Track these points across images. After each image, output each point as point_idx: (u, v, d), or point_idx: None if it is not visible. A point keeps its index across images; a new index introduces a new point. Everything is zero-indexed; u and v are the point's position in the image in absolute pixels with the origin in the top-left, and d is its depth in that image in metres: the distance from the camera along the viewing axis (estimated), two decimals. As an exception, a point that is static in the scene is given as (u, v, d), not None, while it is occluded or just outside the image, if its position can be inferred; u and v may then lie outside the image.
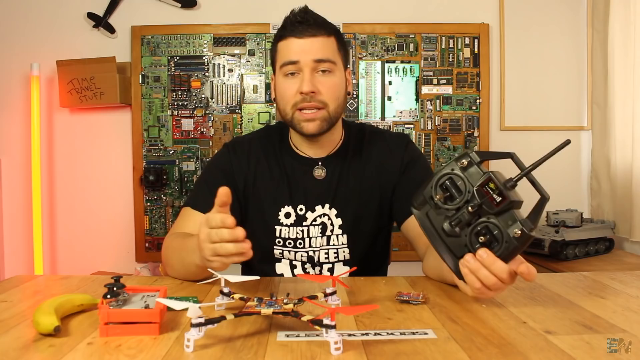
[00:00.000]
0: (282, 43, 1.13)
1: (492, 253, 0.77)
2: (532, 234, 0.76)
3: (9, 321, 0.77)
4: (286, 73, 1.12)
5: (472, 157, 0.80)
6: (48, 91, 2.47)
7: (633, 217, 2.18)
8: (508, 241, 0.76)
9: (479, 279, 0.78)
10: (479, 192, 0.78)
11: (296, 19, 1.11)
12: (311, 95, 1.09)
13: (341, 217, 1.18)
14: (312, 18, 1.12)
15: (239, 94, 2.48)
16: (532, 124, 2.53)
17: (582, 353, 0.64)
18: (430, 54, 2.48)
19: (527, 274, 0.77)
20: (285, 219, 1.18)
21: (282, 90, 1.13)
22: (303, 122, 1.12)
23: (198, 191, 1.22)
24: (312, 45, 1.10)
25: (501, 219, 0.77)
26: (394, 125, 2.49)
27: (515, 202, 0.78)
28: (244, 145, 1.24)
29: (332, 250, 1.18)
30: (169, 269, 1.08)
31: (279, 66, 1.13)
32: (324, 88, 1.10)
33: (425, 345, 0.67)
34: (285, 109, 1.13)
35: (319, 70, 1.11)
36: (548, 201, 0.78)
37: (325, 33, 1.12)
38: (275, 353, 0.64)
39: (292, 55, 1.10)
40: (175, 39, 2.46)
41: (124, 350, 0.65)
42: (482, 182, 0.78)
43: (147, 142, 2.47)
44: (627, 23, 2.21)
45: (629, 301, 0.87)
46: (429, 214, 0.84)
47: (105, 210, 2.51)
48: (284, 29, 1.13)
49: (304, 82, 1.09)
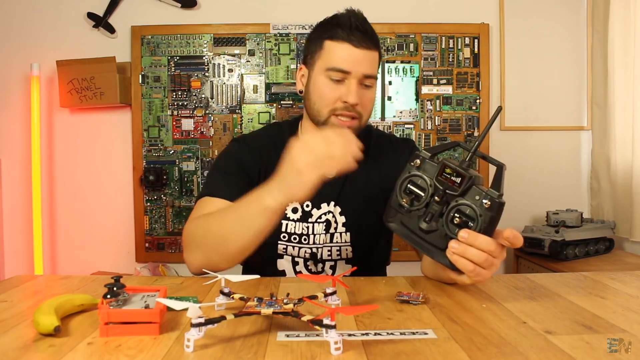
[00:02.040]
0: (335, 44, 1.10)
1: (472, 231, 0.79)
2: (502, 201, 0.79)
3: (9, 321, 0.77)
4: (332, 77, 1.11)
5: (422, 155, 0.84)
6: (48, 91, 2.48)
7: (633, 217, 2.19)
8: (482, 214, 0.79)
9: (469, 259, 0.80)
10: (439, 181, 0.82)
11: (355, 25, 1.09)
12: (354, 106, 1.11)
13: (345, 215, 1.19)
14: (369, 29, 1.11)
15: (239, 94, 2.48)
16: (532, 124, 2.53)
17: (582, 353, 0.64)
18: (430, 54, 2.48)
19: (512, 237, 0.80)
20: (292, 214, 1.18)
21: (323, 92, 1.12)
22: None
23: (214, 181, 1.18)
24: (364, 58, 1.10)
25: (468, 197, 0.80)
26: (394, 125, 2.49)
27: (475, 177, 0.80)
28: (253, 140, 1.24)
29: (335, 247, 1.19)
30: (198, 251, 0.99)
31: (326, 68, 1.11)
32: (363, 101, 1.12)
33: (425, 345, 0.67)
34: (321, 111, 1.13)
35: (364, 83, 1.11)
36: (506, 169, 0.81)
37: (375, 48, 1.12)
38: (275, 353, 0.64)
39: (344, 64, 1.09)
40: (175, 39, 2.46)
41: (124, 350, 0.65)
42: (439, 171, 0.82)
43: (147, 142, 2.47)
44: (627, 23, 2.22)
45: (629, 301, 0.87)
46: (404, 222, 0.86)
47: (105, 210, 2.51)
48: (339, 29, 1.10)
49: (350, 94, 1.09)
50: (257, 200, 0.91)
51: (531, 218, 2.48)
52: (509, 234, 0.80)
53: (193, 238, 1.03)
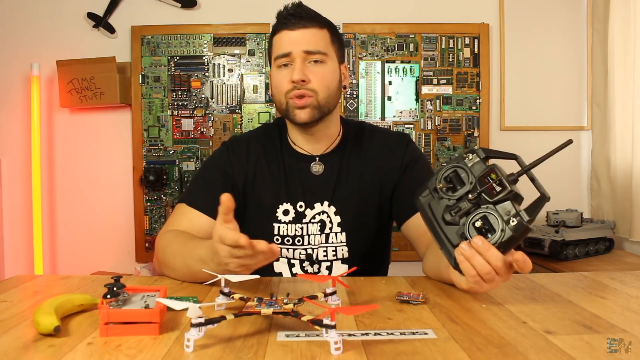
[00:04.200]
0: (276, 37, 1.16)
1: (487, 241, 0.78)
2: (529, 226, 0.78)
3: (9, 321, 0.77)
4: (279, 65, 1.14)
5: (478, 152, 0.83)
6: (48, 91, 2.48)
7: (633, 217, 2.19)
8: (504, 230, 0.78)
9: (474, 266, 0.79)
10: (480, 182, 0.81)
11: (288, 12, 1.14)
12: (301, 83, 1.11)
13: (340, 215, 1.18)
14: (304, 11, 1.14)
15: (239, 94, 2.48)
16: (532, 124, 2.53)
17: (582, 353, 0.64)
18: (430, 54, 2.48)
19: (522, 262, 0.78)
20: (283, 216, 1.18)
21: (275, 81, 1.16)
22: (295, 110, 1.13)
23: (195, 188, 1.21)
24: (302, 36, 1.12)
25: (499, 208, 0.79)
26: (394, 125, 2.49)
27: (516, 194, 0.79)
28: (242, 144, 1.24)
29: (330, 248, 1.18)
30: (169, 270, 1.05)
31: (273, 59, 1.16)
32: (314, 77, 1.12)
33: (425, 345, 0.67)
34: (280, 100, 1.15)
35: (310, 60, 1.13)
36: (548, 201, 0.79)
37: (317, 25, 1.14)
38: (275, 353, 0.64)
39: (284, 47, 1.13)
40: (175, 39, 2.46)
41: (124, 350, 0.65)
42: (485, 172, 0.81)
43: (147, 142, 2.47)
44: (627, 23, 2.22)
45: (629, 301, 0.87)
46: (431, 204, 0.85)
47: (105, 210, 2.51)
48: (277, 23, 1.16)
49: (294, 71, 1.11)
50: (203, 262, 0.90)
51: (531, 218, 2.47)
52: (519, 257, 0.78)
53: (160, 252, 1.08)
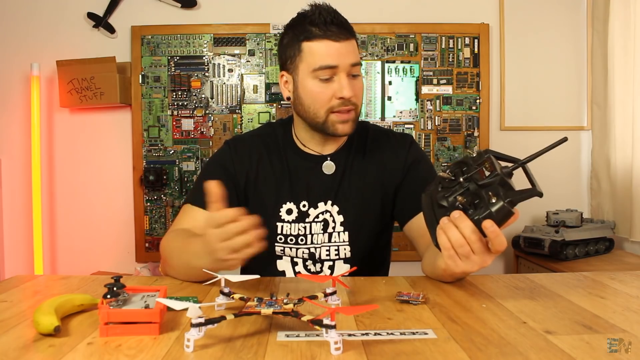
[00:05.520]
0: (314, 44, 1.08)
1: (464, 214, 0.80)
2: (510, 209, 0.78)
3: (9, 321, 0.77)
4: (321, 77, 1.09)
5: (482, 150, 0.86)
6: (48, 91, 2.47)
7: (633, 217, 2.19)
8: (484, 208, 0.79)
9: (449, 238, 0.81)
10: (473, 168, 0.83)
11: (329, 19, 1.08)
12: (349, 99, 1.10)
13: (343, 214, 1.18)
14: (343, 19, 1.11)
15: (239, 94, 2.48)
16: (532, 124, 2.53)
17: (582, 353, 0.64)
18: (430, 54, 2.48)
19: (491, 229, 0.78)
20: (287, 215, 1.18)
21: (315, 93, 1.10)
22: (338, 124, 1.11)
23: (198, 188, 1.19)
24: (347, 48, 1.09)
25: (485, 190, 0.80)
26: (394, 125, 2.49)
27: (504, 181, 0.80)
28: (245, 143, 1.23)
29: (333, 247, 1.18)
30: (170, 269, 1.06)
31: (312, 69, 1.09)
32: (356, 91, 1.11)
33: (425, 345, 0.67)
34: (317, 112, 1.11)
35: (352, 74, 1.11)
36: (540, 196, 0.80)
37: (353, 36, 1.12)
38: (275, 353, 0.64)
39: (330, 60, 1.07)
40: (175, 39, 2.46)
41: (124, 350, 0.65)
42: (481, 162, 0.83)
43: (147, 142, 2.47)
44: (627, 23, 2.22)
45: (629, 301, 0.87)
46: (433, 196, 0.87)
47: (105, 210, 2.51)
48: (313, 28, 1.08)
49: (344, 88, 1.08)
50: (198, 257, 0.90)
51: (531, 218, 2.47)
52: (489, 225, 0.78)
53: (164, 252, 1.09)
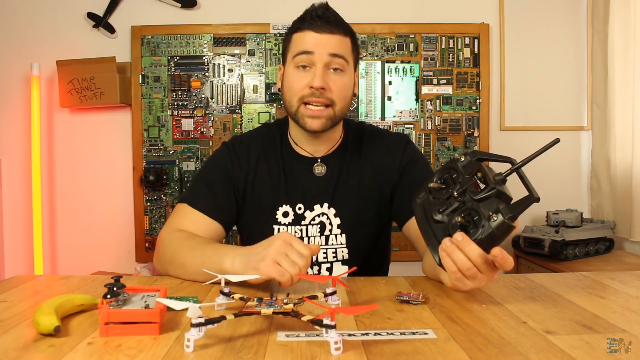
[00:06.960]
0: (299, 34, 1.12)
1: (467, 237, 0.79)
2: (511, 224, 0.77)
3: (9, 321, 0.77)
4: (298, 64, 1.11)
5: (469, 153, 0.85)
6: (48, 91, 2.48)
7: (633, 217, 2.19)
8: (485, 226, 0.78)
9: (454, 262, 0.80)
10: (467, 180, 0.82)
11: (316, 14, 1.11)
12: (321, 91, 1.09)
13: (340, 217, 1.18)
14: (332, 15, 1.12)
15: (239, 94, 2.48)
16: (532, 124, 2.53)
17: (582, 353, 0.64)
18: (430, 54, 2.48)
19: (500, 257, 0.77)
20: (283, 217, 1.17)
21: (290, 81, 1.12)
22: (307, 118, 1.11)
23: (197, 189, 1.20)
24: (328, 40, 1.10)
25: (483, 206, 0.79)
26: (394, 125, 2.49)
27: (500, 192, 0.79)
28: (243, 144, 1.23)
29: (330, 249, 1.18)
30: (175, 267, 1.03)
31: (292, 56, 1.12)
32: (334, 86, 1.10)
33: (425, 345, 0.67)
34: (291, 101, 1.12)
35: (332, 67, 1.10)
36: (537, 202, 0.78)
37: (342, 32, 1.12)
38: (275, 353, 0.64)
39: (307, 46, 1.09)
40: (175, 39, 2.46)
41: (124, 350, 0.65)
42: (472, 171, 0.82)
43: (147, 142, 2.47)
44: (627, 23, 2.22)
45: (629, 301, 0.87)
46: (425, 206, 0.87)
47: (105, 210, 2.51)
48: (303, 22, 1.12)
49: (315, 77, 1.08)
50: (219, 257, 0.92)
51: (531, 218, 2.47)
52: (497, 253, 0.77)
53: (168, 249, 1.07)
